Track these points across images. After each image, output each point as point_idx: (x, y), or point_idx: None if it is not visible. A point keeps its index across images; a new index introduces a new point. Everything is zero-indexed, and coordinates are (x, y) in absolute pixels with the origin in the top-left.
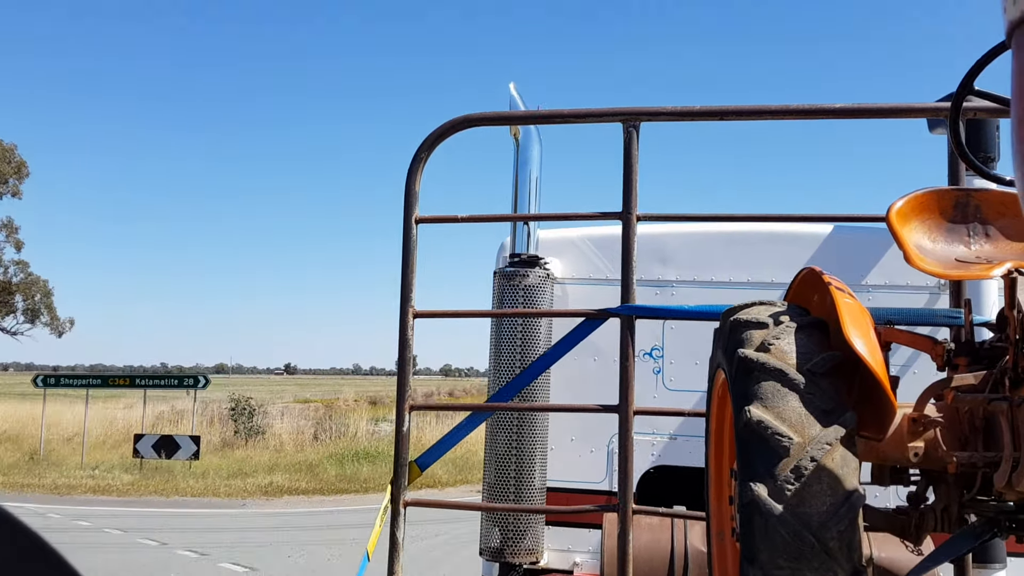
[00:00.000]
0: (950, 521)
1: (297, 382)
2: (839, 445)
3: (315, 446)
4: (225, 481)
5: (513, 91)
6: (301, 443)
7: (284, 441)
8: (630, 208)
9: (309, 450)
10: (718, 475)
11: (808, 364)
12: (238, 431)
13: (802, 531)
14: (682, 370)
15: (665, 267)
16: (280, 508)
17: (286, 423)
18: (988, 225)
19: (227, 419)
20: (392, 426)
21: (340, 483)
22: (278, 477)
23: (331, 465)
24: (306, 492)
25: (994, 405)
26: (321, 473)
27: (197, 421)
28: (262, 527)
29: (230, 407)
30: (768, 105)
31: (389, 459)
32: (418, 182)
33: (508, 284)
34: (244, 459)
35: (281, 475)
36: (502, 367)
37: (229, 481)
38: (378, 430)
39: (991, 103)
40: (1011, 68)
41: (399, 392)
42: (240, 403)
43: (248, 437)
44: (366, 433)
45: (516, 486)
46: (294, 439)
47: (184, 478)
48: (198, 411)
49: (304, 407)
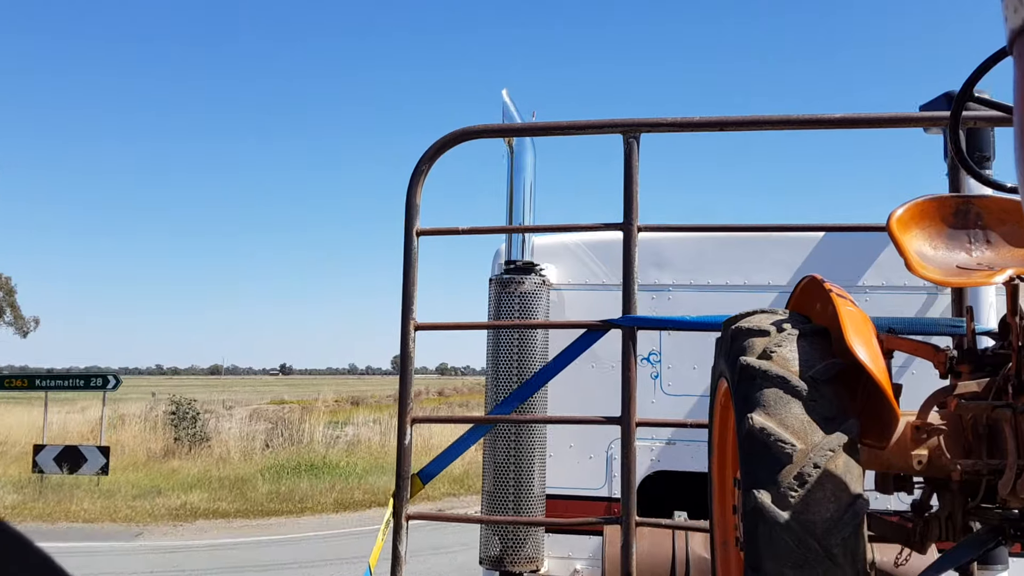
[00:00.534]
0: (954, 529)
1: (288, 382)
2: (842, 452)
3: (264, 455)
4: (131, 502)
5: (506, 98)
6: (250, 451)
7: (231, 449)
8: (631, 219)
9: (258, 459)
10: (721, 484)
11: (810, 371)
12: (179, 438)
13: (806, 538)
14: (680, 375)
15: (662, 271)
16: (184, 538)
17: (236, 428)
18: (989, 232)
19: (168, 425)
20: (354, 431)
21: (271, 503)
22: (195, 496)
23: (265, 480)
24: (226, 515)
25: (997, 412)
26: (250, 491)
27: (138, 428)
28: (141, 572)
29: (170, 411)
30: (766, 116)
31: (337, 472)
32: (419, 195)
33: (504, 291)
34: (170, 472)
35: (200, 493)
36: (500, 376)
37: (136, 502)
38: (337, 436)
39: (991, 111)
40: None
41: (400, 405)
42: (181, 407)
43: (192, 445)
44: (323, 440)
45: (515, 494)
46: (242, 447)
47: (85, 498)
48: (141, 416)
49: (272, 409)
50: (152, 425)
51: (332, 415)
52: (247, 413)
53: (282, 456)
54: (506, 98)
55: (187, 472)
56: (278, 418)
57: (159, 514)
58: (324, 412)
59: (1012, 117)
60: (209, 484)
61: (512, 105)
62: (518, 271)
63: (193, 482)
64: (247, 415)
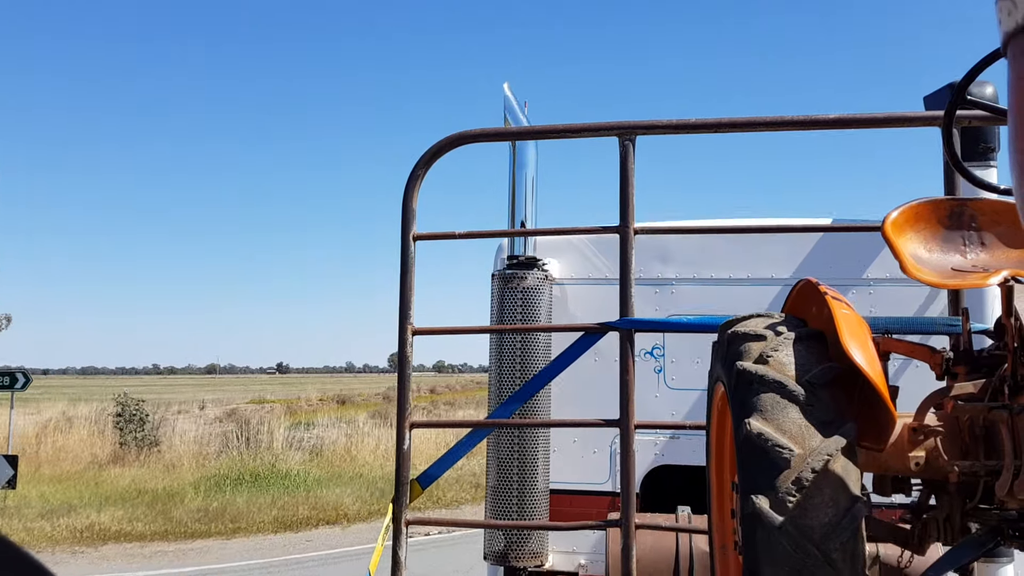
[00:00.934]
0: (952, 530)
1: (283, 381)
2: (840, 456)
3: (219, 461)
4: (32, 522)
5: (507, 91)
6: (204, 457)
7: (182, 455)
8: (627, 222)
9: (211, 465)
10: (719, 487)
11: (807, 376)
12: (125, 442)
13: (804, 543)
14: (683, 368)
15: (665, 265)
16: (78, 568)
17: (190, 431)
18: (984, 234)
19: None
20: (322, 433)
21: (197, 523)
22: (109, 515)
23: (198, 493)
24: (141, 537)
25: (994, 413)
26: (175, 508)
27: (86, 431)
28: None
29: (115, 413)
30: (761, 117)
31: (284, 483)
32: (415, 199)
33: (506, 286)
34: (100, 483)
35: (115, 511)
36: (504, 373)
37: (39, 522)
38: (300, 440)
39: (986, 112)
40: (1007, 78)
41: (399, 409)
42: (127, 408)
43: (140, 450)
44: (284, 444)
45: (519, 490)
46: (195, 452)
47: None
48: (91, 418)
49: (251, 408)
50: (101, 429)
51: (309, 415)
52: (221, 413)
53: (225, 465)
54: (507, 92)
55: (117, 483)
56: (244, 420)
57: (60, 537)
58: (307, 411)
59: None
60: (131, 499)
61: (514, 99)
62: (520, 266)
63: (116, 496)
64: (220, 415)
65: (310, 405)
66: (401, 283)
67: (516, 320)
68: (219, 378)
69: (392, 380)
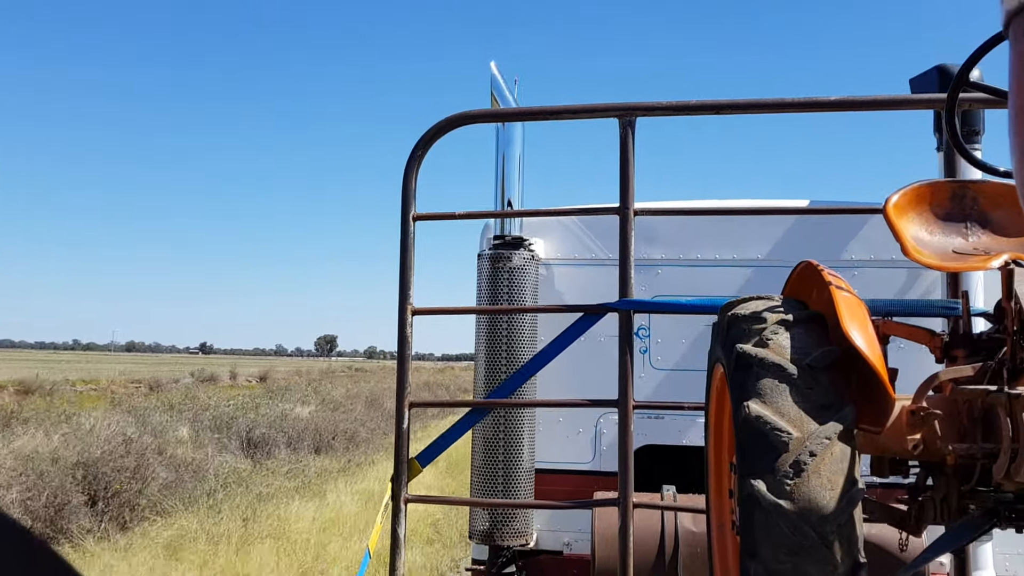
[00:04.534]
0: (949, 512)
1: (205, 361)
2: (838, 440)
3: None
4: None
5: (494, 70)
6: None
7: None
8: (627, 203)
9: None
10: (718, 468)
11: (806, 359)
12: None
13: (802, 525)
14: (669, 349)
15: (651, 246)
16: None
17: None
18: (985, 217)
19: None
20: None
21: None
22: None
23: None
24: None
25: (992, 396)
26: None
27: None
28: None
29: None
30: (764, 99)
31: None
32: (415, 179)
33: (492, 267)
34: None
35: None
36: (491, 354)
37: None
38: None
39: (986, 95)
40: (1008, 59)
41: (399, 389)
42: None
43: None
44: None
45: (505, 469)
46: None
47: None
48: None
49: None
50: None
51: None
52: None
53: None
54: (495, 71)
55: None
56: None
57: None
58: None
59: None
60: None
61: (500, 77)
62: (507, 246)
63: None
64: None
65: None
66: (401, 263)
67: (503, 301)
68: (138, 355)
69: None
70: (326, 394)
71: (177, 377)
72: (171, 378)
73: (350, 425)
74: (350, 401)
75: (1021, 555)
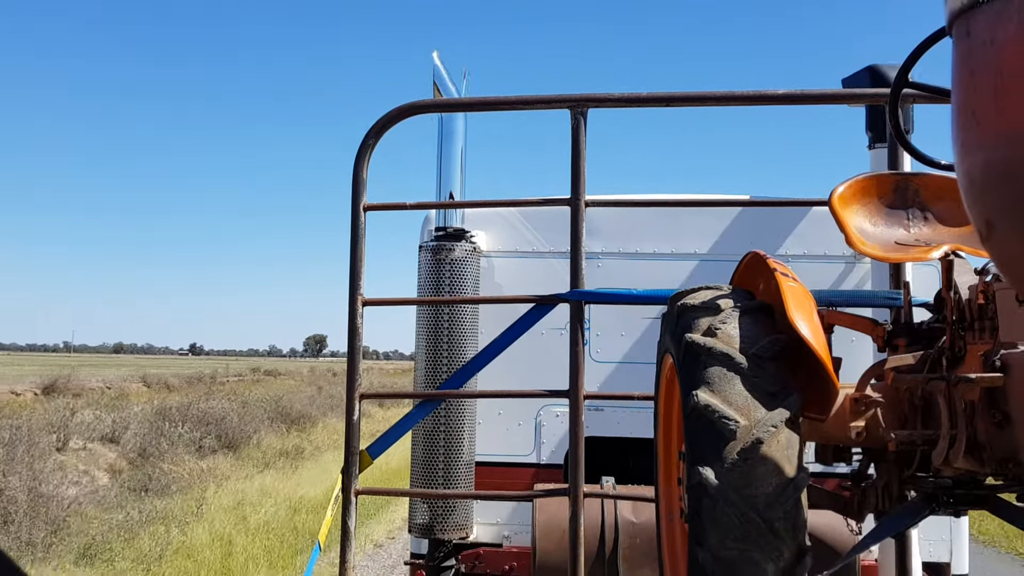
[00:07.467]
0: (891, 498)
1: (195, 363)
2: (784, 427)
3: None
4: None
5: (436, 60)
6: None
7: None
8: (579, 194)
9: None
10: (667, 457)
11: (753, 348)
12: None
13: (749, 512)
14: (608, 342)
15: (592, 239)
16: None
17: None
18: (927, 209)
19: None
20: None
21: None
22: None
23: None
24: None
25: (932, 384)
26: None
27: None
28: None
29: None
30: (709, 92)
31: None
32: (366, 169)
33: (433, 259)
34: None
35: None
36: (432, 347)
37: None
38: None
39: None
40: (951, 57)
41: (349, 380)
42: None
43: None
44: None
45: (445, 462)
46: None
47: None
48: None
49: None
50: None
51: None
52: None
53: None
54: (437, 61)
55: None
56: None
57: None
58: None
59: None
60: None
61: (443, 68)
62: (448, 238)
63: None
64: None
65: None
66: (352, 254)
67: (444, 293)
68: (122, 357)
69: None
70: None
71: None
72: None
73: None
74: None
75: (944, 541)
